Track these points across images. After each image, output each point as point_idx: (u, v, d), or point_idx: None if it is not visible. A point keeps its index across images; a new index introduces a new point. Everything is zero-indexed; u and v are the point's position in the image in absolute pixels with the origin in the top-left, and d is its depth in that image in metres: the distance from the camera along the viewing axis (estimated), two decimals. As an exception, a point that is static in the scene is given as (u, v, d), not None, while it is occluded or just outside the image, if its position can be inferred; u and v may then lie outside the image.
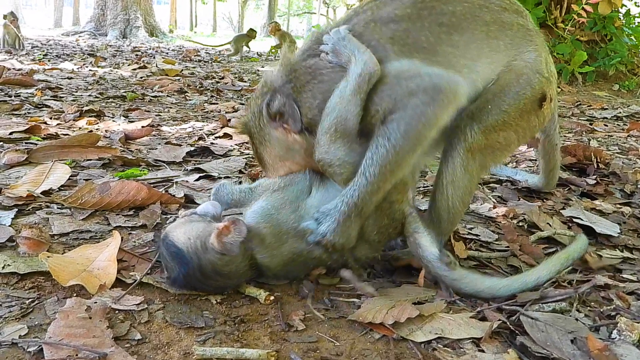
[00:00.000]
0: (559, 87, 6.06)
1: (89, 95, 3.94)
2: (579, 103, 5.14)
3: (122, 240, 1.32)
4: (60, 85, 4.37)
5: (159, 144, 2.49)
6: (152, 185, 1.74)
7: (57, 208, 1.54)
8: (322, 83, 1.21)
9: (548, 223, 1.64)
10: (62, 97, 3.80)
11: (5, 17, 8.48)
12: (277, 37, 11.27)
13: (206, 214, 1.22)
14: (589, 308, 1.17)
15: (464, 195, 1.28)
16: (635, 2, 7.76)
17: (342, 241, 1.14)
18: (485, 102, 1.25)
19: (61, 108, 3.28)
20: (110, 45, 10.78)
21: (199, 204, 1.61)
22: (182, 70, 6.33)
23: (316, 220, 1.16)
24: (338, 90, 1.16)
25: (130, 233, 1.42)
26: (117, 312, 1.06)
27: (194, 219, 1.19)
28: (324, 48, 1.24)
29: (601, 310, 1.15)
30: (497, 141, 1.28)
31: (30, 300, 1.09)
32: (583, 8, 6.35)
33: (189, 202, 1.67)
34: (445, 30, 1.22)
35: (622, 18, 7.16)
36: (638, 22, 7.32)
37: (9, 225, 1.39)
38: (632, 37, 7.25)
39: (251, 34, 11.16)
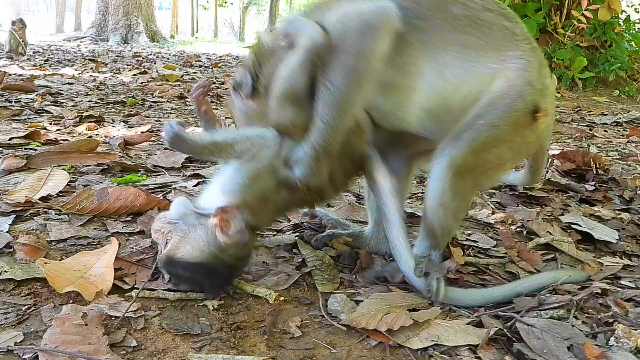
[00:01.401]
0: (558, 93, 6.08)
1: (89, 101, 3.95)
2: (578, 109, 5.15)
3: (119, 246, 1.32)
4: (61, 90, 4.38)
5: (158, 149, 2.50)
6: (150, 191, 1.75)
7: (55, 214, 1.54)
8: (277, 59, 1.26)
9: (548, 231, 1.64)
10: (62, 102, 3.80)
11: (14, 23, 8.54)
12: None
13: (185, 215, 1.19)
14: (586, 315, 1.17)
15: (457, 214, 1.27)
16: (636, 8, 7.78)
17: (316, 181, 1.21)
18: (473, 118, 1.19)
19: (61, 114, 3.29)
20: (112, 51, 10.81)
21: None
22: (182, 75, 6.34)
23: (291, 168, 1.21)
24: (286, 62, 1.21)
25: (128, 239, 1.42)
26: (113, 318, 1.06)
27: (182, 227, 1.17)
28: (278, 33, 1.28)
29: (599, 317, 1.15)
30: (488, 160, 1.23)
31: (26, 306, 1.09)
32: (583, 14, 6.37)
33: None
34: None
35: (622, 24, 7.18)
36: (638, 28, 7.33)
37: (7, 232, 1.39)
38: (632, 43, 7.26)
39: None
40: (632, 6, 8.05)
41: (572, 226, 1.70)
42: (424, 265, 1.22)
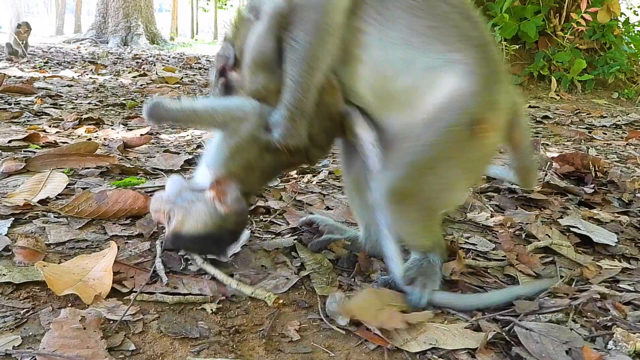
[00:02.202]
0: (557, 95, 6.08)
1: (89, 103, 3.95)
2: (578, 111, 5.15)
3: (118, 249, 1.32)
4: (60, 93, 4.38)
5: (157, 152, 2.50)
6: (149, 193, 1.74)
7: (54, 217, 1.54)
8: (247, 31, 1.28)
9: (547, 234, 1.64)
10: (62, 105, 3.80)
11: (19, 26, 8.56)
12: None
13: (181, 193, 1.25)
14: (585, 318, 1.17)
15: (422, 232, 1.24)
16: (635, 11, 7.79)
17: (295, 142, 1.22)
18: (410, 138, 1.13)
19: (60, 116, 3.29)
20: (111, 53, 10.81)
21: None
22: (182, 77, 6.34)
23: (270, 132, 1.22)
24: (254, 30, 1.24)
25: (127, 242, 1.42)
26: (111, 322, 1.06)
27: (182, 204, 1.23)
28: (247, 7, 1.31)
29: (597, 320, 1.15)
30: (431, 183, 1.15)
31: (24, 310, 1.09)
32: (582, 17, 6.38)
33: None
34: None
35: (621, 27, 7.19)
36: (637, 31, 7.35)
37: (5, 235, 1.39)
38: (632, 46, 7.27)
39: None
40: (631, 9, 8.06)
41: (571, 229, 1.70)
42: (413, 271, 1.21)
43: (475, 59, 1.12)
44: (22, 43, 8.41)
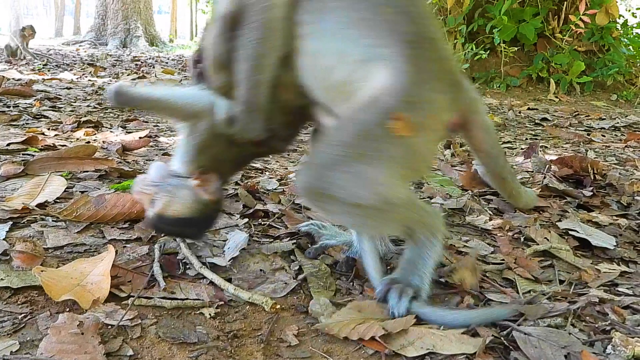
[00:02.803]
0: (556, 97, 6.09)
1: (88, 106, 3.95)
2: (576, 113, 5.15)
3: (116, 253, 1.32)
4: (59, 95, 4.38)
5: (156, 155, 2.50)
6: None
7: (52, 221, 1.54)
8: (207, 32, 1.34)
9: (546, 238, 1.64)
10: (61, 107, 3.80)
11: (24, 29, 8.56)
12: None
13: (165, 178, 1.32)
14: (584, 323, 1.17)
15: (379, 224, 1.20)
16: (633, 13, 7.80)
17: (254, 135, 1.25)
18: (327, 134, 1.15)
19: (59, 119, 3.29)
20: (110, 55, 10.81)
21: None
22: (181, 80, 6.35)
23: (230, 125, 1.26)
24: (210, 32, 1.29)
25: (125, 246, 1.42)
26: (109, 327, 1.06)
27: (167, 189, 1.30)
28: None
29: (596, 325, 1.15)
30: (343, 180, 1.09)
31: (22, 315, 1.09)
32: (581, 19, 6.39)
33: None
34: None
35: (619, 28, 7.20)
36: (636, 33, 7.36)
37: (3, 239, 1.39)
38: (630, 48, 7.28)
39: None
40: (629, 10, 8.07)
41: (570, 232, 1.70)
42: (388, 281, 1.20)
43: (403, 55, 1.09)
44: (21, 46, 8.42)
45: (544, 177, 2.32)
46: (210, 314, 1.13)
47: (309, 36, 1.16)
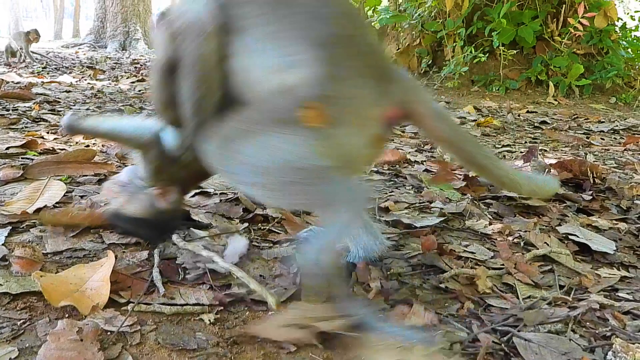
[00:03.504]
0: (555, 100, 6.09)
1: (87, 109, 3.95)
2: (575, 116, 5.16)
3: (116, 258, 1.32)
4: (58, 98, 4.38)
5: (156, 159, 2.49)
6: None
7: (51, 226, 1.53)
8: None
9: (546, 242, 1.63)
10: (60, 111, 3.80)
11: (28, 33, 8.57)
12: None
13: (132, 180, 1.40)
14: (584, 329, 1.16)
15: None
16: (632, 16, 7.82)
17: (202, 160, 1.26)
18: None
19: (58, 122, 3.28)
20: (110, 58, 10.80)
21: (195, 221, 1.62)
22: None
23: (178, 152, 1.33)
24: (153, 76, 1.34)
25: (124, 251, 1.42)
26: (108, 333, 1.06)
27: (130, 190, 1.38)
28: None
29: (596, 331, 1.14)
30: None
31: (21, 321, 1.08)
32: (579, 22, 6.41)
33: (184, 219, 1.66)
34: None
35: (618, 31, 7.22)
36: (634, 36, 7.37)
37: (3, 244, 1.39)
38: (629, 50, 7.30)
39: None
40: (628, 13, 8.09)
41: (570, 237, 1.70)
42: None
43: (317, 57, 1.10)
44: (21, 49, 8.42)
45: (544, 181, 2.31)
46: (209, 320, 1.13)
47: (237, 55, 1.18)
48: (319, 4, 1.19)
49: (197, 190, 1.97)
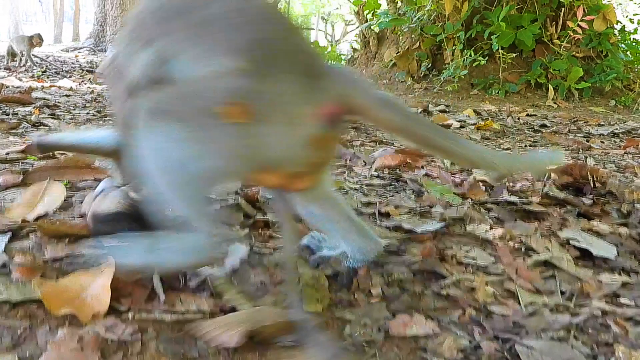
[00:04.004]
0: (555, 103, 6.10)
1: (87, 114, 3.95)
2: (575, 119, 5.17)
3: (116, 266, 1.31)
4: (58, 103, 4.38)
5: (156, 163, 2.48)
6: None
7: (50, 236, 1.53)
8: None
9: (547, 248, 1.63)
10: (60, 115, 3.80)
11: (32, 37, 8.59)
12: None
13: (106, 188, 1.48)
14: (586, 335, 1.16)
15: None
16: (631, 19, 7.83)
17: None
18: None
19: (59, 127, 3.28)
20: (109, 61, 10.79)
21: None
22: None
23: None
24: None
25: (125, 258, 1.41)
26: (109, 342, 1.05)
27: (103, 193, 1.46)
28: None
29: (599, 338, 1.14)
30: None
31: (22, 329, 1.08)
32: (578, 25, 6.43)
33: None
34: None
35: (617, 34, 7.24)
36: (633, 39, 7.39)
37: (3, 251, 1.38)
38: (628, 53, 7.32)
39: None
40: (627, 17, 8.11)
41: (571, 242, 1.69)
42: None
43: (238, 61, 1.11)
44: (21, 53, 8.43)
45: (544, 185, 2.31)
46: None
47: (174, 71, 1.18)
48: (236, 15, 1.18)
49: (198, 196, 1.96)
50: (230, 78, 1.11)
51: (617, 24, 7.28)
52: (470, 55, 6.85)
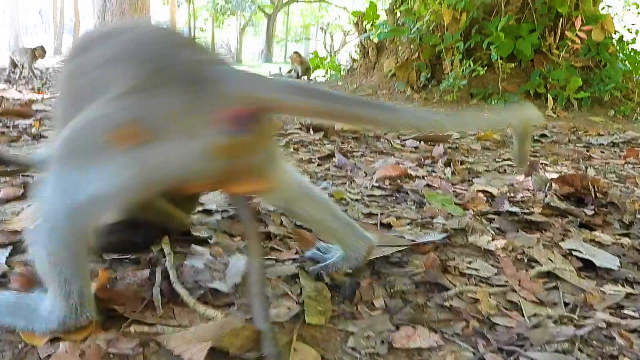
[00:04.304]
0: (554, 113, 6.12)
1: (87, 125, 3.95)
2: (575, 129, 5.17)
3: (117, 277, 1.31)
4: (59, 114, 4.38)
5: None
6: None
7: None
8: None
9: (549, 259, 1.63)
10: (60, 127, 3.80)
11: (35, 49, 8.62)
12: (300, 66, 11.64)
13: None
14: (591, 347, 1.15)
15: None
16: (628, 29, 7.88)
17: None
18: None
19: (59, 138, 3.28)
20: (110, 73, 10.83)
21: (197, 235, 1.61)
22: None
23: None
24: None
25: (126, 269, 1.41)
26: (110, 355, 1.04)
27: None
28: None
29: (603, 350, 1.13)
30: None
31: (23, 343, 1.07)
32: (577, 35, 6.46)
33: (185, 234, 1.66)
34: None
35: (615, 44, 7.27)
36: (632, 49, 7.42)
37: (4, 263, 1.38)
38: (626, 63, 7.34)
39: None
40: (625, 27, 8.15)
41: (573, 253, 1.69)
42: None
43: (124, 85, 1.10)
44: (21, 64, 8.46)
45: (545, 196, 2.31)
46: (212, 341, 1.12)
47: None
48: (122, 51, 1.20)
49: (199, 208, 1.96)
50: (114, 103, 1.08)
51: (615, 34, 7.32)
52: (470, 65, 6.88)
